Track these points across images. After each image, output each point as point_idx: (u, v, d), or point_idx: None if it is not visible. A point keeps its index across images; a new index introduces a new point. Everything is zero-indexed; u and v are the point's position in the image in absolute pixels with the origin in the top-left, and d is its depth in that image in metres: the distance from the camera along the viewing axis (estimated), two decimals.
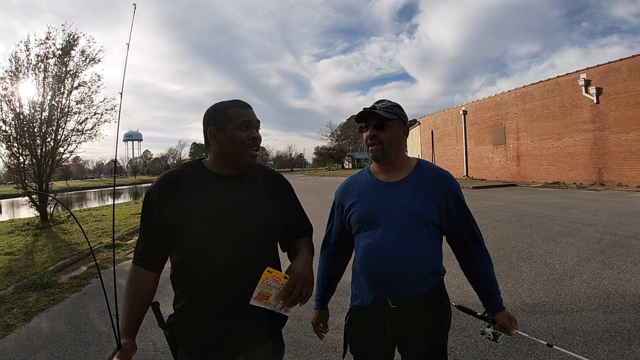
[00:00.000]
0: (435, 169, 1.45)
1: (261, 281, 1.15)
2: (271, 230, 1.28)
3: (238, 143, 1.20)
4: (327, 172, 57.61)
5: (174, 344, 1.26)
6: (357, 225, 1.41)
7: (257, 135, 1.24)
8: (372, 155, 1.39)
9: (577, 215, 8.03)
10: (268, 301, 1.17)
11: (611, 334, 2.85)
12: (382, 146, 1.36)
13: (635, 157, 13.33)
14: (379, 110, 1.36)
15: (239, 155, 1.21)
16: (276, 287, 1.17)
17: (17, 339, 3.41)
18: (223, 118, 1.22)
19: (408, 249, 1.32)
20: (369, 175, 1.49)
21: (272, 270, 1.16)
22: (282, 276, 1.17)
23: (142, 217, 1.23)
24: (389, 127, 1.36)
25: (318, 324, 1.59)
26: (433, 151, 26.72)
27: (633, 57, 13.21)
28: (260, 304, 1.17)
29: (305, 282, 1.18)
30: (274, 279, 1.16)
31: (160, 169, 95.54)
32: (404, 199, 1.35)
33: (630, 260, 4.64)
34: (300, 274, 1.17)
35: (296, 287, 1.16)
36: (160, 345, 3.05)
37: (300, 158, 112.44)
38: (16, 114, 10.55)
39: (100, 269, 5.72)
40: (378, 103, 1.42)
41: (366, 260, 1.37)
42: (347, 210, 1.45)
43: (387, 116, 1.34)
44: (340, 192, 1.54)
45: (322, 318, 1.60)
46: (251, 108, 1.28)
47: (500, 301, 1.42)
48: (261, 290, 1.16)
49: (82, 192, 44.92)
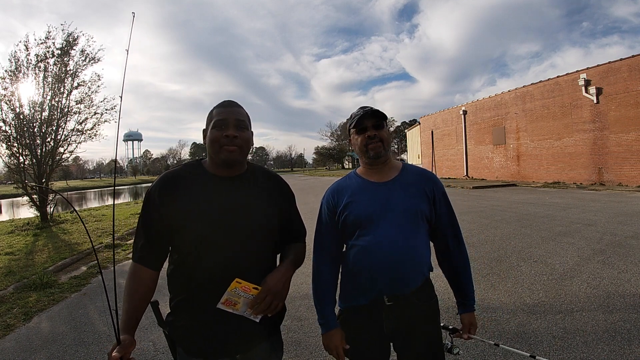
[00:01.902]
0: (421, 170, 1.54)
1: (229, 290, 1.17)
2: (270, 230, 1.29)
3: (213, 142, 1.23)
4: (327, 172, 57.61)
5: (173, 343, 1.27)
6: (353, 225, 1.41)
7: (230, 133, 1.22)
8: (374, 153, 1.42)
9: (577, 215, 8.03)
10: (235, 308, 1.19)
11: (611, 334, 2.85)
12: (383, 143, 1.43)
13: (635, 157, 13.33)
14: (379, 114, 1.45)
15: (215, 153, 1.24)
16: (245, 297, 1.19)
17: (17, 339, 3.41)
18: (208, 120, 1.28)
19: (407, 247, 1.35)
20: (358, 178, 1.51)
21: (241, 281, 1.17)
22: (252, 287, 1.19)
23: (142, 216, 1.24)
24: (384, 126, 1.45)
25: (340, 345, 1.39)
26: (433, 151, 26.72)
27: (633, 57, 13.22)
28: (228, 308, 1.19)
29: (275, 296, 1.19)
30: (243, 289, 1.18)
31: (160, 169, 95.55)
32: (399, 198, 1.40)
33: (630, 260, 4.64)
34: (271, 288, 1.19)
35: (265, 300, 1.18)
36: (160, 344, 3.05)
37: (300, 158, 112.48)
38: (16, 114, 10.54)
39: (102, 269, 5.71)
40: (365, 107, 1.48)
41: (366, 260, 1.37)
42: (341, 211, 1.44)
43: (384, 118, 1.45)
44: (330, 195, 1.51)
45: (342, 336, 1.41)
46: (235, 107, 1.28)
47: (473, 302, 1.49)
48: (229, 297, 1.18)
49: (82, 192, 44.91)
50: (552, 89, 16.53)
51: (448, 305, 3.61)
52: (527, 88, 18.00)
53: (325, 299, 1.45)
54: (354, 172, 1.56)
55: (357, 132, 1.45)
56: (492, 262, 4.93)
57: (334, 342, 1.40)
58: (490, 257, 5.20)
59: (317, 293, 1.48)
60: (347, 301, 1.46)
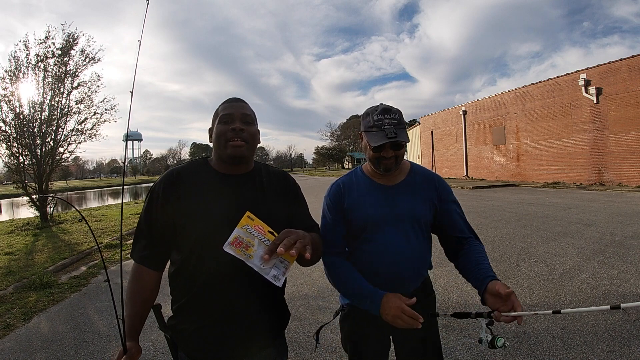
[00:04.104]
0: (428, 173, 1.52)
1: (239, 226, 0.99)
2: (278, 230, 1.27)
3: (219, 136, 1.21)
4: (327, 172, 57.57)
5: (174, 347, 1.23)
6: (359, 228, 1.42)
7: (236, 126, 1.20)
8: (386, 168, 1.36)
9: (577, 215, 8.03)
10: (248, 252, 0.98)
11: (611, 334, 2.85)
12: (397, 160, 1.37)
13: (635, 157, 13.33)
14: (400, 135, 1.30)
15: (221, 148, 1.22)
16: (259, 239, 0.99)
17: (17, 339, 3.41)
18: (214, 117, 1.28)
19: (412, 251, 1.40)
20: (365, 177, 1.48)
21: (253, 217, 1.00)
22: (267, 230, 1.01)
23: (145, 214, 1.20)
24: (404, 145, 1.37)
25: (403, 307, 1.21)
26: (433, 151, 26.72)
27: (633, 57, 13.22)
28: (238, 253, 0.97)
29: (299, 236, 1.02)
30: (256, 228, 1.00)
31: (160, 169, 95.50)
32: (406, 203, 1.42)
33: (630, 260, 4.64)
34: (292, 230, 1.04)
35: (289, 238, 1.00)
36: (160, 345, 3.05)
37: (300, 158, 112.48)
38: (16, 114, 10.53)
39: (102, 269, 5.71)
40: (386, 115, 1.32)
41: (372, 262, 1.40)
42: (347, 210, 1.43)
43: (406, 140, 1.32)
44: (335, 191, 1.47)
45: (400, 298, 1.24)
46: (240, 102, 1.28)
47: (492, 273, 1.26)
48: (238, 236, 0.98)
49: (82, 192, 44.92)
50: (552, 89, 16.53)
51: (448, 306, 3.61)
52: (527, 88, 17.99)
53: (355, 279, 1.35)
54: (359, 169, 1.52)
55: (372, 149, 1.34)
56: (492, 263, 4.88)
57: (396, 304, 1.22)
58: (490, 257, 5.13)
59: (341, 279, 1.38)
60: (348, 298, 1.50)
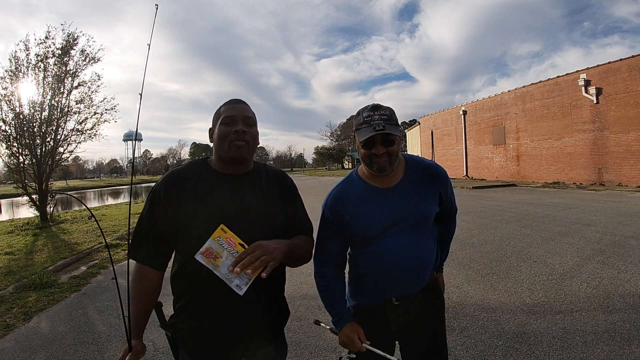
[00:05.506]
0: (424, 165, 1.46)
1: (212, 238, 1.07)
2: (275, 230, 1.27)
3: (221, 138, 1.23)
4: (327, 172, 57.56)
5: (175, 345, 1.25)
6: (362, 234, 1.39)
7: (239, 128, 1.22)
8: (379, 167, 1.32)
9: (577, 215, 8.03)
10: (216, 262, 1.06)
11: (611, 334, 2.85)
12: (390, 158, 1.32)
13: (635, 157, 13.33)
14: (388, 129, 1.28)
15: (223, 150, 1.23)
16: (229, 251, 1.07)
17: (17, 339, 3.41)
18: (215, 117, 1.29)
19: (417, 256, 1.39)
20: (361, 182, 1.43)
21: (226, 230, 1.07)
22: (238, 242, 1.08)
23: (147, 214, 1.21)
24: (396, 141, 1.33)
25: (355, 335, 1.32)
26: (433, 151, 26.72)
27: (633, 57, 13.22)
28: (207, 262, 1.06)
29: (265, 251, 1.09)
30: (228, 240, 1.07)
31: (160, 169, 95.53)
32: (407, 205, 1.38)
33: (630, 260, 4.64)
34: (261, 244, 1.10)
35: (255, 253, 1.07)
36: (160, 345, 3.05)
37: (300, 158, 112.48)
38: (16, 113, 10.54)
39: (102, 269, 5.72)
40: (376, 112, 1.31)
41: (377, 265, 1.38)
42: (348, 222, 1.40)
43: (397, 133, 1.30)
44: (333, 203, 1.43)
45: (357, 329, 1.35)
46: (242, 104, 1.29)
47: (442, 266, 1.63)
48: (210, 247, 1.06)
49: (81, 192, 44.91)
50: (552, 89, 16.53)
51: (448, 306, 3.60)
52: (527, 88, 18.00)
53: (334, 297, 1.42)
54: (354, 172, 1.48)
55: (362, 145, 1.31)
56: (491, 263, 4.93)
57: (349, 335, 1.32)
58: (490, 257, 5.20)
59: (325, 293, 1.44)
60: (353, 300, 1.49)
